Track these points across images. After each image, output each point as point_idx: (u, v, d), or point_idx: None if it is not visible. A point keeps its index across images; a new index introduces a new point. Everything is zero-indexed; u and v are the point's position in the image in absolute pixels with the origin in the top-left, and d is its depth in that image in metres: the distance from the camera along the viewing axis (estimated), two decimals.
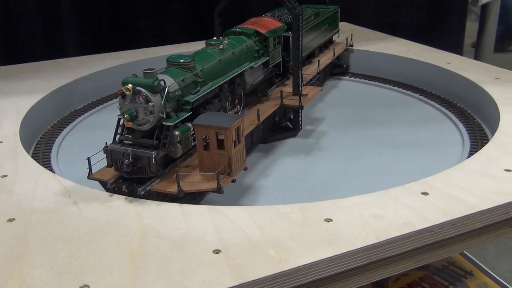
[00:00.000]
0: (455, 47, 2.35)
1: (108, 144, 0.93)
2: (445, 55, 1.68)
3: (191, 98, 0.99)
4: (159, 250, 0.73)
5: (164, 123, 0.92)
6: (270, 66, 1.28)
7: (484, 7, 2.39)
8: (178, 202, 0.88)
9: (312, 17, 1.54)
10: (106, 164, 0.94)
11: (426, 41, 1.87)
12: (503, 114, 1.17)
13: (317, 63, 1.55)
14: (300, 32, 1.26)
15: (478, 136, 1.25)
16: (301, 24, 1.25)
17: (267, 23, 1.30)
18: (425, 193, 0.86)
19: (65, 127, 1.38)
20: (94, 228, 0.79)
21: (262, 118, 1.18)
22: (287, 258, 0.71)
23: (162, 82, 0.92)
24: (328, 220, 0.79)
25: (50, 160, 1.19)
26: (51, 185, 0.92)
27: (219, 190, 0.89)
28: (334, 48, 1.73)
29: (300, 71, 1.28)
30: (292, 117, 1.34)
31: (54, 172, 1.07)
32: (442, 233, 0.79)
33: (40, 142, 1.28)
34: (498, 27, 2.43)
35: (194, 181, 0.92)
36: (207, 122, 0.92)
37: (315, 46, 1.61)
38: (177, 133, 0.92)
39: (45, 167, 1.04)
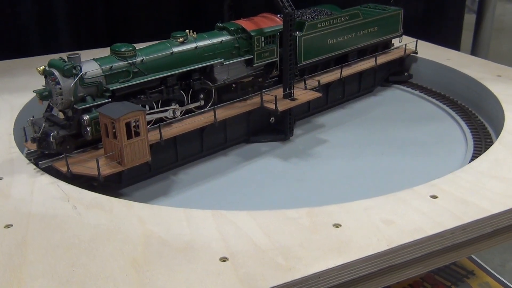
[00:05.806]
0: (453, 42, 2.33)
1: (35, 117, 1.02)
2: (445, 51, 1.66)
3: (113, 86, 1.01)
4: (163, 258, 0.71)
5: (74, 106, 0.97)
6: (255, 65, 1.23)
7: (481, 3, 2.37)
8: (96, 187, 0.95)
9: (343, 18, 1.41)
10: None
11: (423, 36, 1.85)
12: (508, 113, 1.16)
13: (350, 67, 1.45)
14: (292, 33, 1.18)
15: (482, 135, 1.23)
16: (292, 25, 1.16)
17: (261, 21, 1.24)
18: (434, 196, 0.84)
19: None
20: (95, 235, 0.76)
21: (222, 117, 1.14)
22: (297, 267, 0.68)
23: (78, 67, 0.96)
24: (337, 226, 0.77)
25: None
26: (48, 188, 0.89)
27: (98, 176, 0.93)
28: (376, 55, 1.53)
29: (291, 73, 1.21)
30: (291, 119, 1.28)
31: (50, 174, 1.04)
32: (453, 238, 0.77)
33: None
34: None
35: (92, 166, 0.94)
36: (104, 111, 0.94)
37: (346, 49, 1.46)
38: (86, 117, 0.96)
39: (41, 169, 1.00)
